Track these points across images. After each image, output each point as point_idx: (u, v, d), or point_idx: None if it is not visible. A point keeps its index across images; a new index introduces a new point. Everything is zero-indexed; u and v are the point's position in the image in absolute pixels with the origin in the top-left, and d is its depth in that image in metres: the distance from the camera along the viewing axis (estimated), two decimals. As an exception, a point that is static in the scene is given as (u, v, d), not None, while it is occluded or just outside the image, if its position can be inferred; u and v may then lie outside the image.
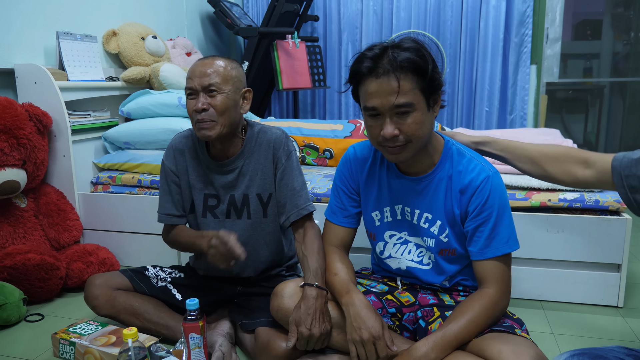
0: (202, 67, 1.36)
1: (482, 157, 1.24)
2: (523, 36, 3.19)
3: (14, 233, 1.88)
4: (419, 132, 1.13)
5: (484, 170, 1.19)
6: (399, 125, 1.12)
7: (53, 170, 2.11)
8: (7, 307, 1.60)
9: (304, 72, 3.27)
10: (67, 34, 2.25)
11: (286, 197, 1.44)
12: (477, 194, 1.18)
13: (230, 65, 1.39)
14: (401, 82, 1.08)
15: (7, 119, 1.81)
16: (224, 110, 1.36)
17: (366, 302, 1.19)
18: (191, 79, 1.36)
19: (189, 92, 1.38)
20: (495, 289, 1.17)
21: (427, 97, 1.12)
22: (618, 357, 0.92)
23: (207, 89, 1.35)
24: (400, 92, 1.09)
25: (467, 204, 1.20)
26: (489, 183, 1.17)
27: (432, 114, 1.15)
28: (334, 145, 2.30)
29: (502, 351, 1.07)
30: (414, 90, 1.09)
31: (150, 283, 1.54)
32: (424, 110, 1.12)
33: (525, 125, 3.29)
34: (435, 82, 1.11)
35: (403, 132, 1.12)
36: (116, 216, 2.13)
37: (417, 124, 1.12)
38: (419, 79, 1.09)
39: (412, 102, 1.10)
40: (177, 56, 2.83)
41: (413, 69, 1.08)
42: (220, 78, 1.35)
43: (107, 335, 1.42)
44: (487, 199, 1.17)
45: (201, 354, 1.28)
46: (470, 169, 1.19)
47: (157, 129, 2.17)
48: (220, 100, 1.35)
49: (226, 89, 1.36)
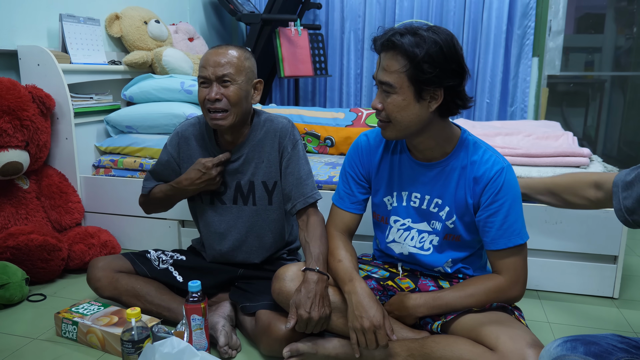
0: (217, 57, 1.36)
1: (496, 150, 1.26)
2: (526, 28, 3.19)
3: (16, 214, 1.89)
4: (396, 115, 1.16)
5: (498, 162, 1.21)
6: (383, 101, 1.18)
7: (55, 152, 2.12)
8: (10, 286, 1.62)
9: (305, 60, 3.26)
10: (70, 16, 2.24)
11: (292, 185, 1.46)
12: (490, 185, 1.20)
13: (244, 55, 1.40)
14: (387, 62, 1.14)
15: (11, 100, 1.82)
16: (237, 101, 1.37)
17: (368, 290, 1.21)
18: (205, 67, 1.37)
19: (201, 80, 1.38)
20: (505, 277, 1.21)
21: (416, 86, 1.12)
22: (611, 344, 0.94)
23: (220, 79, 1.36)
24: (385, 71, 1.15)
25: (480, 194, 1.22)
26: (503, 175, 1.20)
27: (423, 106, 1.15)
28: (335, 134, 2.30)
29: (500, 336, 1.10)
30: (399, 74, 1.12)
31: (152, 266, 1.56)
32: (408, 97, 1.14)
33: (525, 117, 3.29)
34: (425, 75, 1.10)
35: (384, 109, 1.18)
36: (117, 199, 2.14)
37: (395, 106, 1.15)
38: (407, 64, 1.11)
39: (392, 84, 1.14)
40: (180, 41, 2.82)
41: (401, 53, 1.11)
42: (234, 69, 1.36)
43: (110, 316, 1.44)
44: (500, 190, 1.19)
45: (202, 335, 1.31)
46: (485, 160, 1.22)
47: (160, 114, 2.17)
48: (234, 90, 1.36)
49: (239, 80, 1.37)
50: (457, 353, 1.13)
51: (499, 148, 1.56)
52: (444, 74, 1.11)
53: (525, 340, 1.08)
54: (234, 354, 1.36)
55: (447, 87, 1.13)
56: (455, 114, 1.20)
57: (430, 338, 1.21)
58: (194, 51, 2.89)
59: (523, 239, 1.21)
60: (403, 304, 1.26)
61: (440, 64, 1.10)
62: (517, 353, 1.05)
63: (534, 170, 1.76)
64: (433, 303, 1.23)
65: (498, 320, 1.16)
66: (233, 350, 1.36)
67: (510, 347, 1.07)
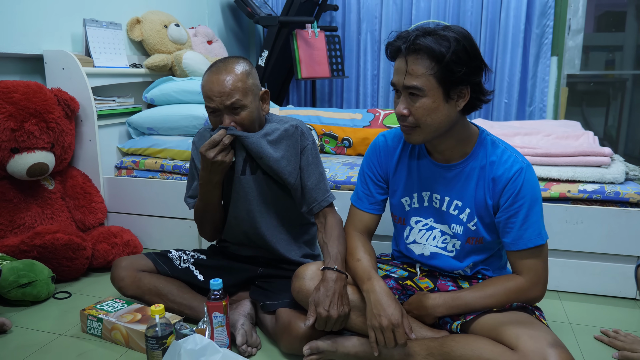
0: (219, 86, 1.32)
1: (515, 150, 1.25)
2: (544, 27, 3.15)
3: (42, 214, 1.95)
4: (426, 119, 1.15)
5: (517, 162, 1.20)
6: (410, 106, 1.15)
7: (79, 154, 2.17)
8: (37, 284, 1.66)
9: (322, 61, 3.28)
10: (93, 21, 2.29)
11: (305, 191, 1.48)
12: (509, 185, 1.19)
13: (244, 72, 1.36)
14: (412, 66, 1.11)
15: (38, 103, 1.87)
16: (250, 123, 1.39)
17: (387, 289, 1.22)
18: (210, 98, 1.34)
19: (210, 110, 1.36)
20: (525, 278, 1.21)
21: (445, 87, 1.12)
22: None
23: (230, 108, 1.35)
24: (412, 75, 1.12)
25: (500, 194, 1.21)
26: (522, 175, 1.19)
27: (451, 106, 1.15)
28: (353, 134, 2.31)
29: (520, 336, 1.10)
30: (427, 76, 1.11)
31: (173, 265, 1.59)
32: (438, 99, 1.13)
33: (544, 117, 3.26)
34: (455, 75, 1.10)
35: (412, 114, 1.15)
36: (139, 200, 2.18)
37: (425, 109, 1.13)
38: (435, 66, 1.10)
39: (421, 87, 1.12)
40: (199, 44, 2.86)
41: (428, 55, 1.10)
42: (240, 93, 1.34)
43: (133, 313, 1.48)
44: (520, 190, 1.18)
45: (224, 332, 1.33)
46: (504, 160, 1.21)
47: (180, 115, 2.21)
48: (245, 115, 1.37)
49: (248, 102, 1.36)
50: (477, 352, 1.12)
51: (518, 148, 1.55)
52: (470, 71, 1.11)
53: (546, 340, 1.08)
54: (254, 351, 1.38)
55: (473, 83, 1.13)
56: (478, 108, 1.20)
57: (449, 337, 1.21)
58: (213, 54, 2.93)
59: (543, 239, 1.20)
60: (422, 303, 1.27)
61: (467, 62, 1.10)
62: (538, 353, 1.05)
63: (554, 170, 1.74)
64: (452, 303, 1.24)
65: (518, 320, 1.15)
66: (253, 348, 1.38)
67: (531, 346, 1.06)
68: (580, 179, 1.71)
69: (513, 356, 1.08)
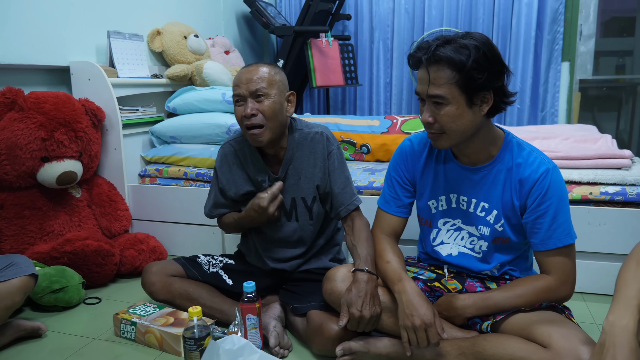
0: (248, 74, 1.42)
1: (541, 152, 1.27)
2: (555, 33, 3.19)
3: (70, 221, 1.99)
4: (451, 125, 1.17)
5: (543, 164, 1.22)
6: (435, 114, 1.18)
7: (104, 162, 2.22)
8: (68, 289, 1.70)
9: (336, 70, 3.32)
10: (116, 33, 2.35)
11: (332, 196, 1.51)
12: (536, 187, 1.21)
13: (273, 70, 1.46)
14: (434, 75, 1.14)
15: (67, 113, 1.92)
16: (272, 114, 1.43)
17: (418, 290, 1.24)
18: (238, 86, 1.43)
19: (236, 99, 1.44)
20: (554, 277, 1.22)
21: (467, 94, 1.15)
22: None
23: (254, 94, 1.41)
24: (434, 84, 1.15)
25: (527, 196, 1.23)
26: (549, 176, 1.21)
27: (475, 111, 1.17)
28: (371, 141, 2.34)
29: (552, 334, 1.11)
30: (449, 85, 1.14)
31: (202, 270, 1.62)
32: (461, 106, 1.15)
33: (556, 122, 3.28)
34: (477, 81, 1.13)
35: (437, 121, 1.18)
36: (163, 207, 2.22)
37: (450, 117, 1.16)
38: (456, 75, 1.13)
39: (444, 96, 1.14)
40: (217, 54, 2.92)
41: (449, 64, 1.13)
42: (266, 83, 1.42)
43: (166, 317, 1.50)
44: (547, 191, 1.20)
45: (257, 334, 1.35)
46: (530, 162, 1.23)
47: (202, 124, 2.26)
48: (268, 105, 1.42)
49: (272, 93, 1.43)
50: (510, 350, 1.14)
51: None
52: (492, 76, 1.14)
53: (578, 338, 1.09)
54: (286, 353, 1.40)
55: (496, 88, 1.16)
56: (503, 111, 1.23)
57: (481, 337, 1.22)
58: (230, 63, 2.98)
59: (573, 239, 1.23)
60: (451, 304, 1.28)
61: (487, 68, 1.13)
62: (570, 350, 1.07)
63: (575, 173, 1.77)
64: (482, 303, 1.25)
65: (549, 319, 1.17)
66: (285, 350, 1.40)
67: (564, 344, 1.08)
68: (602, 181, 1.73)
69: (546, 354, 1.09)
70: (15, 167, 1.82)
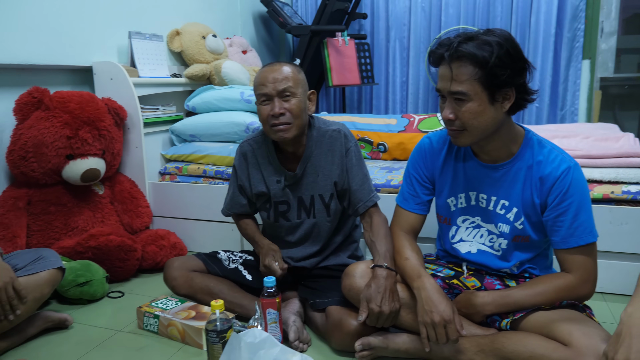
0: (274, 73, 1.43)
1: (562, 149, 1.27)
2: (575, 31, 3.15)
3: (93, 217, 2.04)
4: (473, 122, 1.17)
5: (564, 161, 1.22)
6: (456, 111, 1.18)
7: (126, 160, 2.26)
8: (93, 283, 1.74)
9: (353, 69, 3.33)
10: (137, 33, 2.40)
11: (350, 193, 1.52)
12: (557, 185, 1.21)
13: (296, 69, 1.48)
14: (456, 71, 1.15)
15: (91, 112, 1.97)
16: (299, 113, 1.45)
17: (437, 286, 1.24)
18: (264, 85, 1.44)
19: (263, 98, 1.45)
20: (575, 276, 1.22)
21: (489, 90, 1.15)
22: None
23: (281, 94, 1.43)
24: (456, 81, 1.15)
25: (547, 193, 1.23)
26: (570, 174, 1.20)
27: (497, 108, 1.17)
28: (388, 140, 2.35)
29: (573, 332, 1.11)
30: (471, 81, 1.14)
31: (222, 265, 1.65)
32: (483, 102, 1.16)
33: (576, 120, 3.24)
34: (499, 78, 1.13)
35: (458, 118, 1.18)
36: (182, 204, 2.26)
37: (472, 113, 1.16)
38: (478, 71, 1.13)
39: (466, 92, 1.15)
40: (234, 54, 2.95)
41: (471, 61, 1.13)
42: (292, 82, 1.44)
43: (187, 310, 1.54)
44: (568, 189, 1.20)
45: (277, 328, 1.38)
46: (551, 160, 1.23)
47: (221, 122, 2.29)
48: (295, 103, 1.44)
49: (298, 92, 1.45)
50: (530, 348, 1.14)
51: (559, 149, 1.56)
52: (514, 73, 1.14)
53: (599, 336, 1.09)
54: (305, 347, 1.42)
55: (518, 85, 1.16)
56: (524, 108, 1.23)
57: (500, 334, 1.23)
58: (248, 63, 3.01)
59: (595, 237, 1.22)
60: (470, 301, 1.29)
61: (510, 65, 1.13)
62: (592, 348, 1.06)
63: (596, 172, 1.75)
64: (501, 301, 1.25)
65: (570, 317, 1.17)
66: (304, 344, 1.42)
67: (585, 342, 1.08)
68: (624, 180, 1.71)
69: (567, 352, 1.09)
70: (41, 164, 1.88)
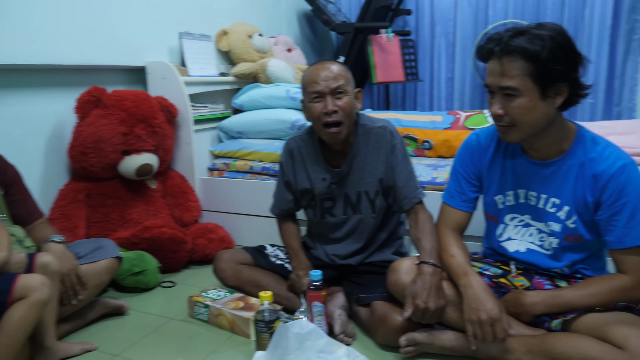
0: (325, 71, 1.45)
1: (617, 147, 1.22)
2: (634, 22, 3.00)
3: (146, 210, 2.14)
4: (523, 118, 1.15)
5: (620, 158, 1.17)
6: (505, 106, 1.16)
7: (177, 156, 2.36)
8: (147, 272, 1.83)
9: (397, 65, 3.32)
10: (187, 34, 2.49)
11: (395, 189, 1.53)
12: (612, 182, 1.17)
13: (345, 68, 1.50)
14: (507, 66, 1.12)
15: (145, 110, 2.06)
16: (350, 111, 1.47)
17: (484, 284, 1.23)
18: (316, 82, 1.45)
19: (315, 95, 1.46)
20: (631, 277, 1.17)
21: (541, 86, 1.12)
22: None
23: (335, 92, 1.44)
24: (507, 76, 1.13)
25: (601, 192, 1.19)
26: (626, 171, 1.16)
27: (548, 104, 1.14)
28: (433, 137, 2.33)
29: (630, 336, 1.08)
30: (522, 76, 1.11)
31: (269, 260, 1.70)
32: (534, 98, 1.13)
33: (634, 117, 3.08)
34: (552, 73, 1.10)
35: (508, 114, 1.16)
36: (230, 199, 2.33)
37: (522, 109, 1.14)
38: (530, 66, 1.10)
39: (517, 87, 1.12)
40: (279, 52, 3.00)
41: (522, 55, 1.10)
42: (344, 80, 1.46)
43: (236, 301, 1.59)
44: (624, 187, 1.16)
45: (322, 321, 1.40)
46: (605, 157, 1.18)
47: (268, 120, 2.34)
48: (347, 101, 1.46)
49: (349, 90, 1.47)
50: (582, 350, 1.11)
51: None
52: (567, 67, 1.11)
53: (657, 339, 1.05)
54: (350, 341, 1.44)
55: (571, 80, 1.13)
56: (577, 104, 1.19)
57: (550, 334, 1.20)
58: (292, 61, 3.06)
59: None
60: (519, 301, 1.26)
61: (563, 59, 1.10)
62: (649, 353, 1.03)
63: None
64: (552, 301, 1.22)
65: (626, 320, 1.13)
66: (349, 337, 1.44)
67: (641, 346, 1.04)
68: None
69: (622, 355, 1.06)
70: (100, 159, 1.99)
